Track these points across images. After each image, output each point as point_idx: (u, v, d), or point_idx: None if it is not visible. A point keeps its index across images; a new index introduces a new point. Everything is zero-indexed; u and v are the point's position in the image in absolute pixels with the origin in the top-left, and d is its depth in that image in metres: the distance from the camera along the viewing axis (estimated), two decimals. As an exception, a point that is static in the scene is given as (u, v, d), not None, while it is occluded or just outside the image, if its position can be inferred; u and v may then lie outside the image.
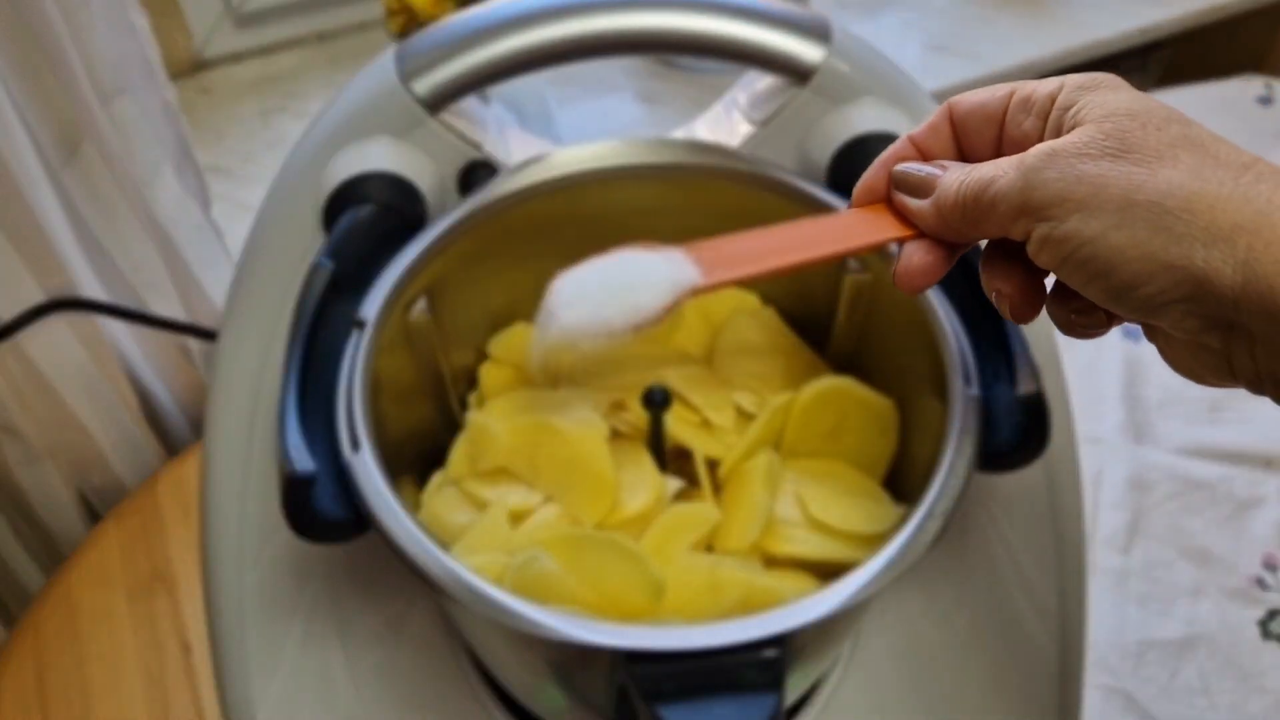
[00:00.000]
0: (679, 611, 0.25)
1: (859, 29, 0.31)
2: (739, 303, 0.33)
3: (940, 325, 0.26)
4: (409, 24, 0.61)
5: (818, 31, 0.30)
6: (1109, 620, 0.41)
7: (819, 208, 0.29)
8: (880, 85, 0.30)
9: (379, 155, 0.29)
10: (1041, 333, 0.30)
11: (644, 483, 0.28)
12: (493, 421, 0.29)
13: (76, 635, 0.44)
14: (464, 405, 0.32)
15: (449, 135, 0.30)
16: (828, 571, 0.27)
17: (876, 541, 0.26)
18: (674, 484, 0.28)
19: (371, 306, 0.26)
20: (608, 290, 0.20)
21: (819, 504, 0.28)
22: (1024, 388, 0.23)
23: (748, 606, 0.24)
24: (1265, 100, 0.70)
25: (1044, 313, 0.31)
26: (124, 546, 0.47)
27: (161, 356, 0.54)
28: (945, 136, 0.19)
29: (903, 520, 0.23)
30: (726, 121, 0.33)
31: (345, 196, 0.29)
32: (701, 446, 0.29)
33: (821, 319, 0.32)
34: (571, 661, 0.24)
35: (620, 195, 0.30)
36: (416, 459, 0.30)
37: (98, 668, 0.43)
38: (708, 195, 0.30)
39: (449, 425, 0.31)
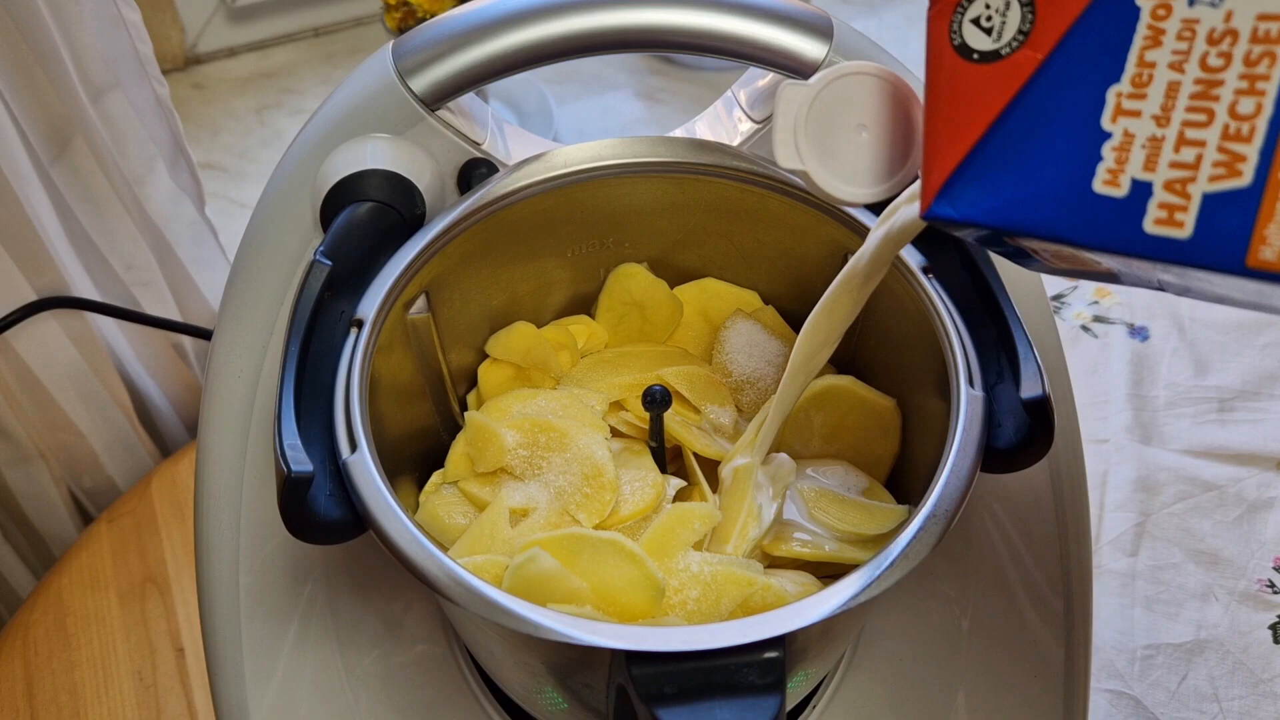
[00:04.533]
0: (679, 612, 0.24)
1: (861, 25, 0.31)
2: (739, 302, 0.33)
3: (943, 324, 0.25)
4: (407, 19, 0.60)
5: (820, 28, 0.30)
6: (1116, 623, 0.41)
7: (821, 207, 0.29)
8: (883, 83, 0.30)
9: (376, 152, 0.29)
10: (1046, 332, 0.30)
11: (644, 483, 0.28)
12: (492, 421, 0.28)
13: (67, 638, 0.43)
14: (463, 405, 0.32)
15: (447, 133, 0.30)
16: (830, 572, 0.27)
17: (879, 542, 0.25)
18: (674, 484, 0.28)
19: (369, 305, 0.26)
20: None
21: (820, 504, 0.28)
22: (1028, 388, 0.23)
23: (749, 608, 0.24)
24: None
25: (1046, 310, 0.31)
26: (116, 548, 0.47)
27: (155, 356, 0.54)
28: None
29: (905, 521, 0.23)
30: (727, 119, 0.33)
31: (342, 194, 0.28)
32: (701, 447, 0.29)
33: (823, 318, 0.32)
34: (570, 663, 0.24)
35: (620, 194, 0.30)
36: (415, 459, 0.30)
37: (88, 671, 0.42)
38: (708, 194, 0.30)
39: (448, 425, 0.31)
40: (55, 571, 0.46)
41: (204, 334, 0.52)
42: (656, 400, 0.27)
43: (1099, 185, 0.15)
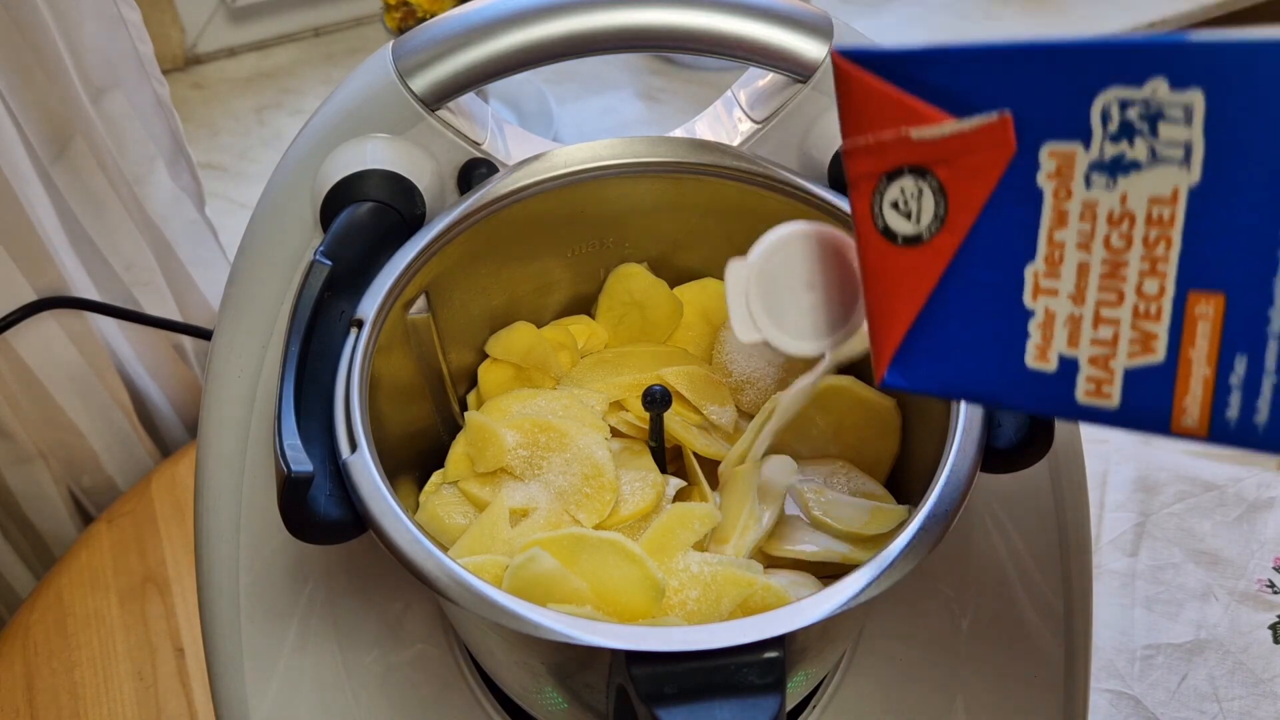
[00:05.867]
0: (679, 612, 0.24)
1: (862, 25, 0.31)
2: (739, 302, 0.33)
3: (944, 325, 0.25)
4: (407, 19, 0.60)
5: (820, 28, 0.30)
6: (1116, 623, 0.41)
7: (820, 207, 0.29)
8: (883, 83, 0.30)
9: (377, 152, 0.29)
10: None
11: (644, 483, 0.28)
12: (492, 421, 0.28)
13: (67, 638, 0.43)
14: (463, 405, 0.32)
15: (448, 133, 0.30)
16: (830, 572, 0.27)
17: (879, 542, 0.25)
18: (674, 484, 0.28)
19: (369, 305, 0.26)
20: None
21: (820, 504, 0.28)
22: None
23: (749, 608, 0.24)
24: None
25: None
26: (116, 548, 0.47)
27: (155, 356, 0.54)
28: None
29: (905, 521, 0.23)
30: (727, 119, 0.33)
31: (342, 194, 0.28)
32: (701, 447, 0.29)
33: (823, 318, 0.32)
34: (570, 663, 0.24)
35: (620, 194, 0.30)
36: (415, 459, 0.30)
37: (89, 671, 0.42)
38: (708, 194, 0.30)
39: (448, 425, 0.31)
40: (55, 571, 0.46)
41: (204, 334, 0.52)
42: (656, 400, 0.27)
43: (1030, 361, 0.16)
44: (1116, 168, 0.15)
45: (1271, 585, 0.42)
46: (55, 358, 0.47)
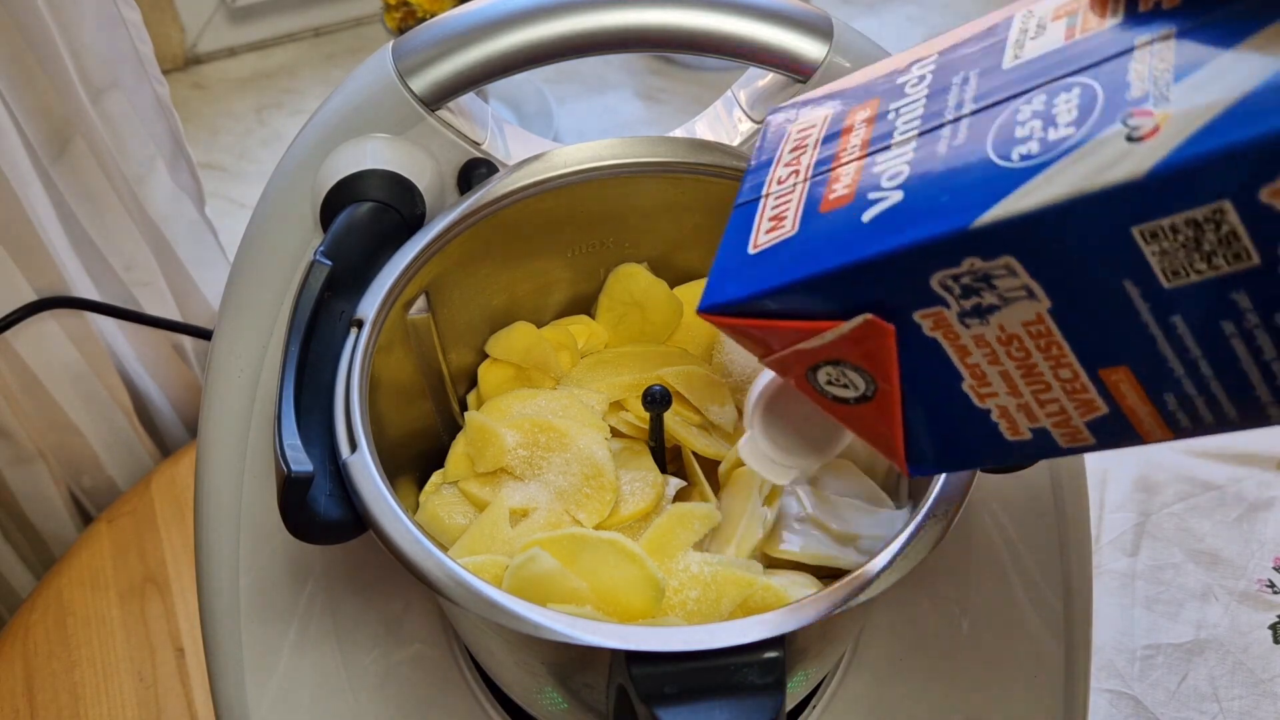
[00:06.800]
0: (679, 612, 0.24)
1: (861, 25, 0.31)
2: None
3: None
4: (407, 19, 0.60)
5: (819, 28, 0.30)
6: (1116, 623, 0.41)
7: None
8: (883, 83, 0.30)
9: (377, 152, 0.29)
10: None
11: (644, 483, 0.28)
12: (492, 421, 0.28)
13: (67, 638, 0.43)
14: (463, 405, 0.32)
15: (448, 133, 0.30)
16: (829, 573, 0.27)
17: (879, 543, 0.25)
18: (674, 484, 0.28)
19: (369, 305, 0.26)
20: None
21: (820, 505, 0.28)
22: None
23: (748, 608, 0.24)
24: None
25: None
26: (116, 548, 0.47)
27: (155, 356, 0.54)
28: None
29: (905, 521, 0.23)
30: (727, 119, 0.33)
31: (342, 194, 0.28)
32: (701, 447, 0.29)
33: (823, 318, 0.32)
34: (570, 663, 0.24)
35: (620, 194, 0.30)
36: (415, 459, 0.30)
37: (89, 671, 0.42)
38: (708, 194, 0.30)
39: (448, 425, 0.31)
40: (55, 571, 0.46)
41: (204, 334, 0.52)
42: (656, 400, 0.27)
43: (1009, 436, 0.18)
44: (980, 312, 0.17)
45: (1271, 585, 0.42)
46: (55, 358, 0.47)
